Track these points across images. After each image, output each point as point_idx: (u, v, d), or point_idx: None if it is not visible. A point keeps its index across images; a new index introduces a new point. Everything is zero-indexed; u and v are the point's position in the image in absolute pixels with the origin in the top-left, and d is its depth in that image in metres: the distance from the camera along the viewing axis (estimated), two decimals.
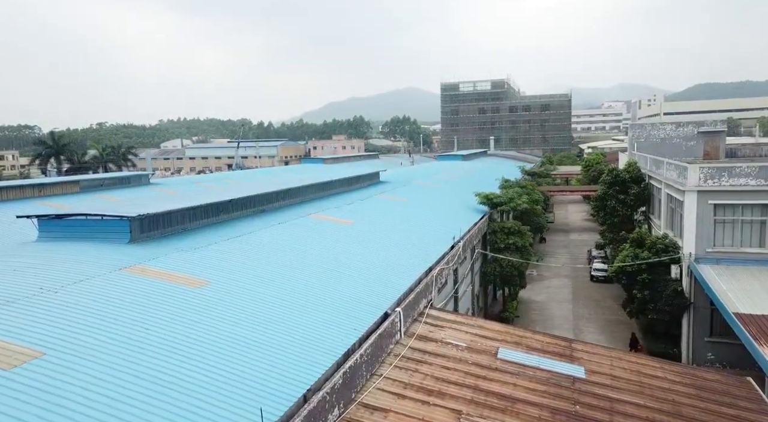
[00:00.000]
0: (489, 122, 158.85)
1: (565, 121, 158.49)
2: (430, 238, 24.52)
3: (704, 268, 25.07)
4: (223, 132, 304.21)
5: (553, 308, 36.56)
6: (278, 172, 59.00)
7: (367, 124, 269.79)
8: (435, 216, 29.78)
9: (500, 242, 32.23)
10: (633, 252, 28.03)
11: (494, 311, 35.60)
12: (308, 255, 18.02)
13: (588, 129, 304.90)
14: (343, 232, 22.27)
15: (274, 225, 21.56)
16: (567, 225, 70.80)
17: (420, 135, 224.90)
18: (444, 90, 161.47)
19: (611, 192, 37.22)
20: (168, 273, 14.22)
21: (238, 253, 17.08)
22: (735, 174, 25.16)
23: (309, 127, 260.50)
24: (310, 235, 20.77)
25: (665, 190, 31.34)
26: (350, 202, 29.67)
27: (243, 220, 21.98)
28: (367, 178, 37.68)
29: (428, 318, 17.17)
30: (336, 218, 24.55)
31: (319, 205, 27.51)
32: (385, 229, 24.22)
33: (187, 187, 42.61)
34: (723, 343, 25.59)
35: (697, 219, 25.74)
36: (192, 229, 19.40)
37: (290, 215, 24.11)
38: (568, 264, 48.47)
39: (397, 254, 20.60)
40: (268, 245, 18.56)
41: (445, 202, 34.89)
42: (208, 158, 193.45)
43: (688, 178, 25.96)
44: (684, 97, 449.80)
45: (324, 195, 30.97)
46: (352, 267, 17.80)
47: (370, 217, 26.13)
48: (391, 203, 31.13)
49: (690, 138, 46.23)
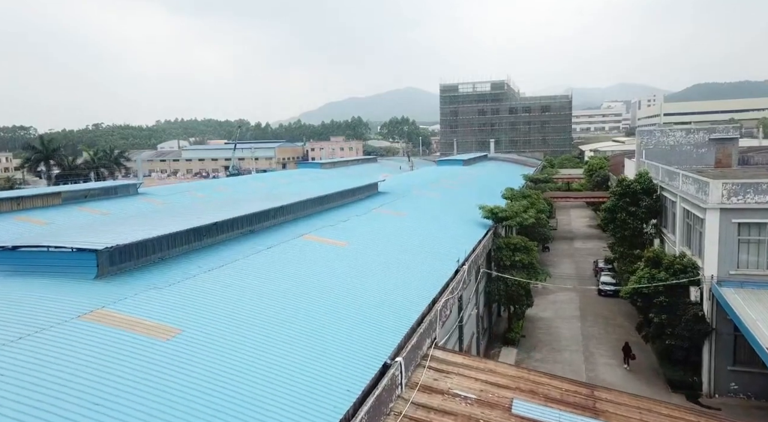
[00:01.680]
0: (488, 124, 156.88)
1: (566, 122, 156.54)
2: (432, 261, 22.67)
3: (728, 292, 23.25)
4: (221, 133, 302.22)
5: (560, 326, 34.71)
6: (273, 179, 57.16)
7: (365, 125, 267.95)
8: (436, 234, 27.93)
9: (506, 259, 30.43)
10: (649, 273, 26.22)
11: (499, 330, 33.78)
12: (297, 290, 16.14)
13: (587, 129, 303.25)
14: (337, 257, 20.40)
15: (262, 250, 19.70)
16: (570, 232, 68.94)
17: (419, 137, 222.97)
18: (443, 91, 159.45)
19: (621, 203, 35.40)
20: (135, 321, 12.34)
21: (218, 289, 15.20)
22: (761, 190, 23.36)
23: (307, 128, 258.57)
24: (300, 262, 18.90)
25: (681, 203, 29.51)
26: (346, 218, 27.81)
27: (229, 244, 20.12)
28: (364, 190, 35.81)
29: (432, 360, 15.32)
30: (330, 239, 22.68)
31: (312, 223, 25.65)
32: (383, 251, 22.34)
33: (176, 197, 40.70)
34: (748, 372, 23.83)
35: (719, 239, 23.93)
36: (171, 258, 17.52)
37: (281, 236, 22.25)
38: (574, 278, 46.65)
39: (395, 283, 18.74)
40: (253, 277, 16.69)
41: (447, 216, 33.02)
42: (204, 160, 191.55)
43: (709, 194, 24.15)
44: (683, 97, 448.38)
45: (319, 210, 29.10)
46: (347, 303, 15.93)
47: (367, 237, 24.25)
48: (390, 219, 29.26)
49: (701, 145, 44.42)
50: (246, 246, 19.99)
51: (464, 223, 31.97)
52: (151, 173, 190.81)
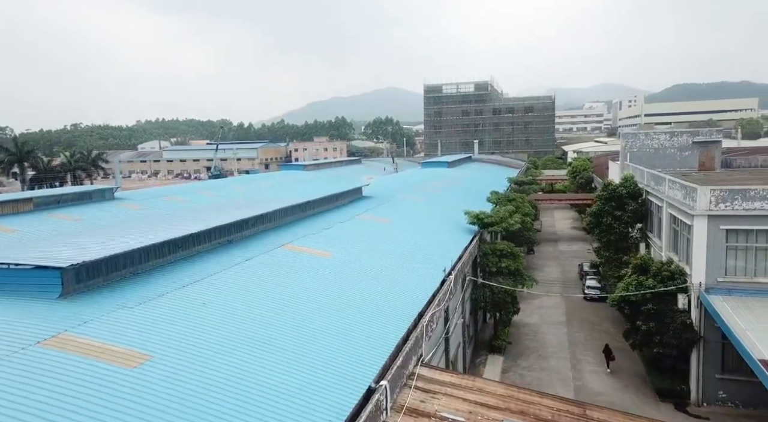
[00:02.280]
0: (472, 124, 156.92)
1: (549, 123, 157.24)
2: (418, 271, 22.05)
3: (716, 300, 22.97)
4: (203, 133, 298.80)
5: (546, 332, 34.32)
6: (255, 181, 56.10)
7: (349, 125, 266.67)
8: (422, 241, 27.31)
9: (492, 266, 29.94)
10: (637, 280, 25.89)
11: (485, 337, 33.28)
12: (276, 308, 15.37)
13: (570, 129, 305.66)
14: (319, 269, 19.66)
15: (240, 262, 18.88)
16: (555, 234, 68.89)
17: (403, 137, 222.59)
18: (427, 92, 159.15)
19: (607, 208, 35.13)
20: (99, 346, 11.49)
21: (193, 308, 14.37)
22: (749, 197, 23.11)
23: (290, 128, 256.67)
24: (280, 276, 18.11)
25: (668, 209, 29.27)
26: (329, 225, 27.06)
27: (206, 256, 19.26)
28: (348, 194, 35.07)
29: (419, 380, 14.67)
30: (312, 249, 21.92)
31: (294, 231, 24.87)
32: (367, 262, 21.65)
33: (154, 201, 39.50)
34: (735, 381, 23.59)
35: (707, 246, 23.64)
36: (144, 273, 16.64)
37: (261, 246, 21.44)
38: (560, 282, 46.42)
39: (380, 296, 18.06)
40: (230, 293, 15.87)
41: (432, 222, 32.44)
42: (186, 160, 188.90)
43: (697, 200, 23.86)
44: (662, 97, 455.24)
45: (301, 216, 28.32)
46: (329, 320, 15.20)
47: (351, 246, 23.53)
48: (374, 225, 28.58)
49: (685, 148, 44.44)
50: (224, 259, 19.16)
51: (450, 229, 31.42)
52: (131, 174, 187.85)
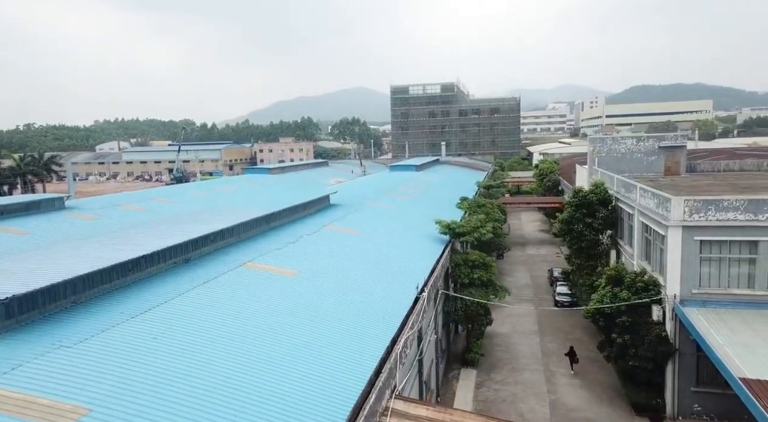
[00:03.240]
0: (439, 126, 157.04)
1: (514, 124, 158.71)
2: (390, 288, 20.95)
3: (691, 312, 22.64)
4: (165, 134, 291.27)
5: (519, 342, 33.74)
6: (216, 187, 54.01)
7: (315, 126, 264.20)
8: (392, 254, 26.23)
9: (464, 277, 29.11)
10: (611, 292, 25.42)
11: (457, 349, 32.45)
12: (235, 341, 13.99)
13: (534, 130, 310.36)
14: (284, 291, 18.33)
15: (198, 285, 17.40)
16: (523, 237, 68.92)
17: (371, 140, 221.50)
18: (393, 93, 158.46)
19: (578, 215, 34.77)
20: (28, 400, 9.98)
21: (142, 344, 12.90)
22: (722, 207, 22.85)
23: (255, 128, 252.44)
24: (240, 301, 16.72)
25: (639, 217, 28.99)
26: (295, 238, 25.70)
27: (160, 279, 17.71)
28: (315, 203, 33.72)
29: (393, 416, 13.57)
30: (276, 267, 20.56)
31: (257, 246, 23.43)
32: (336, 281, 20.42)
33: (108, 211, 37.24)
34: (710, 393, 23.33)
35: (682, 257, 23.31)
36: (89, 302, 15.03)
37: (220, 265, 19.98)
38: (530, 288, 46.09)
39: (350, 321, 16.88)
40: (184, 324, 14.41)
41: (402, 232, 31.40)
42: (147, 162, 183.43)
43: (671, 211, 23.49)
44: (622, 97, 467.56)
45: (265, 228, 26.87)
46: (294, 356, 13.92)
47: (318, 263, 22.24)
48: (343, 238, 27.34)
49: (651, 152, 44.71)
50: (180, 281, 17.65)
51: (421, 239, 30.45)
52: (88, 176, 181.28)
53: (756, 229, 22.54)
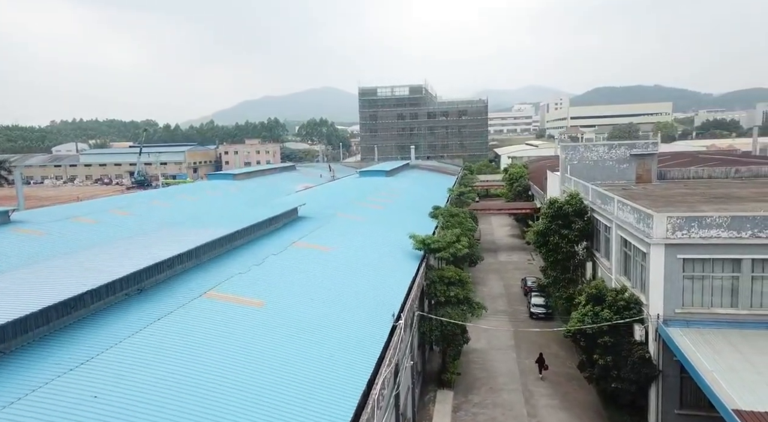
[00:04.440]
0: (408, 128, 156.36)
1: (482, 126, 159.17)
2: (364, 316, 19.50)
3: (674, 332, 21.92)
4: (126, 135, 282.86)
5: (495, 359, 32.75)
6: (178, 196, 51.52)
7: (282, 127, 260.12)
8: (365, 274, 24.76)
9: (440, 295, 27.90)
10: (592, 310, 24.56)
11: (433, 368, 31.25)
12: (191, 398, 12.30)
13: (501, 131, 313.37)
14: (249, 325, 16.67)
15: (150, 323, 15.59)
16: (494, 244, 68.41)
17: (339, 142, 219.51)
18: (362, 94, 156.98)
19: (553, 226, 34.01)
20: None
21: (78, 407, 11.11)
22: (705, 225, 22.22)
23: (220, 129, 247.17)
24: (199, 341, 14.99)
25: (617, 231, 28.30)
26: (262, 258, 23.98)
27: (107, 316, 15.83)
28: (283, 217, 31.98)
29: None
30: (240, 296, 18.86)
31: (220, 270, 21.65)
32: (306, 310, 18.84)
33: (58, 226, 34.59)
34: (695, 416, 22.66)
35: (665, 276, 22.58)
36: (19, 351, 13.10)
37: (178, 295, 18.18)
38: (504, 298, 45.31)
39: (323, 362, 15.35)
40: (131, 377, 12.61)
41: (376, 247, 29.94)
42: (106, 165, 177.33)
43: (653, 228, 22.74)
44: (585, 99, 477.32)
45: (229, 248, 25.05)
46: (259, 412, 12.33)
47: (286, 289, 20.59)
48: (313, 256, 25.73)
49: (623, 160, 44.50)
50: (130, 319, 15.80)
51: (395, 255, 29.07)
52: (43, 180, 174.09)
53: (739, 247, 21.98)
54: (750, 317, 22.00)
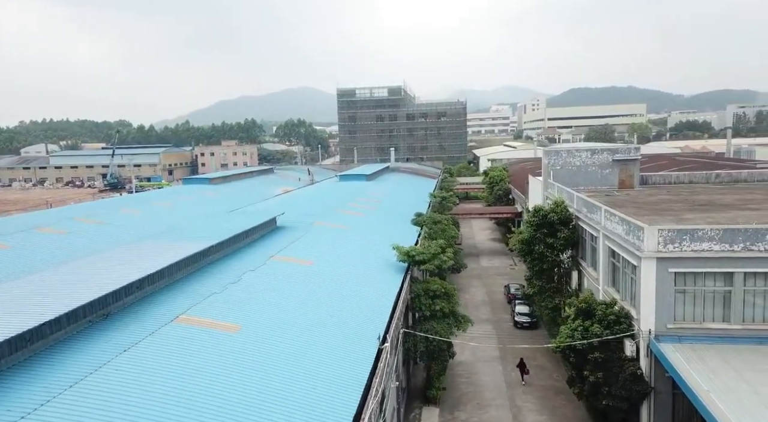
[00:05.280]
0: (387, 129, 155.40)
1: (461, 128, 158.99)
2: (347, 340, 18.45)
3: (667, 348, 21.33)
4: (98, 135, 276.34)
5: (481, 372, 31.97)
6: (151, 203, 49.75)
7: (259, 128, 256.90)
8: (349, 290, 23.68)
9: (425, 309, 26.95)
10: (582, 325, 23.88)
11: (417, 382, 30.34)
12: None
13: (478, 132, 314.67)
14: (224, 355, 15.48)
15: (117, 354, 14.33)
16: (475, 248, 67.85)
17: (318, 144, 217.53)
18: (340, 96, 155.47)
19: (538, 235, 33.35)
20: None
21: None
22: (697, 237, 21.68)
23: (196, 130, 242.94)
24: (171, 376, 13.77)
25: (605, 241, 27.70)
26: (238, 275, 22.76)
27: (69, 347, 14.52)
28: (260, 228, 30.74)
29: None
30: (215, 321, 17.65)
31: (193, 289, 20.40)
32: (284, 336, 17.69)
33: (20, 238, 32.78)
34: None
35: (656, 291, 21.99)
36: None
37: (148, 320, 16.92)
38: (488, 305, 44.64)
39: (304, 397, 14.26)
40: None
41: (357, 258, 28.93)
42: (78, 167, 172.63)
43: (644, 241, 22.13)
44: (561, 100, 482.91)
45: (204, 264, 23.77)
46: None
47: (264, 309, 19.44)
48: (292, 272, 24.57)
49: (605, 166, 44.16)
50: (93, 350, 14.52)
51: (378, 268, 28.05)
52: (12, 182, 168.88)
53: (731, 260, 21.49)
54: (743, 332, 21.53)
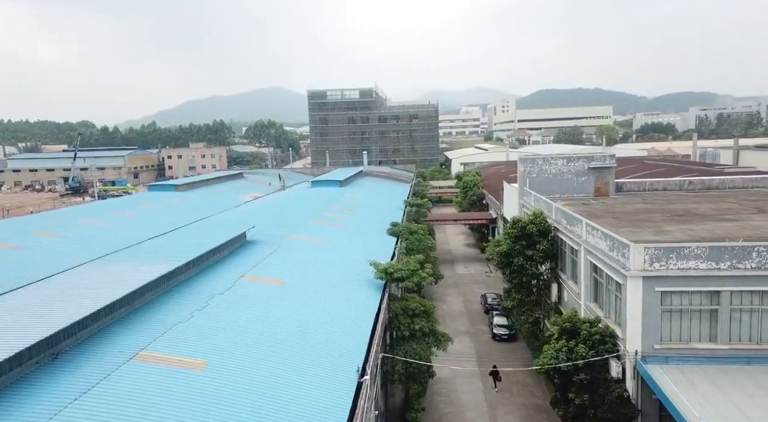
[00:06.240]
0: (359, 132, 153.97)
1: (433, 130, 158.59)
2: (324, 373, 17.17)
3: (654, 370, 20.71)
4: (60, 137, 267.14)
5: (460, 389, 31.04)
6: (112, 212, 47.32)
7: (229, 129, 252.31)
8: (324, 313, 22.38)
9: (404, 328, 25.81)
10: (566, 346, 23.11)
11: (395, 403, 29.19)
12: None
13: (449, 133, 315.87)
14: (187, 400, 14.03)
15: (62, 408, 12.76)
16: (450, 254, 67.12)
17: (289, 145, 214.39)
18: (311, 97, 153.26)
19: (517, 247, 32.63)
20: None
21: None
22: (684, 255, 21.11)
23: (163, 132, 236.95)
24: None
25: (587, 255, 27.08)
26: (205, 300, 21.24)
27: (8, 397, 12.89)
28: (229, 244, 29.15)
29: None
30: (178, 357, 16.15)
31: (155, 319, 18.82)
32: (255, 371, 16.31)
33: None
34: None
35: (642, 310, 21.36)
36: None
37: (103, 360, 15.35)
38: (464, 316, 43.82)
39: None
40: None
41: (332, 275, 27.62)
42: (38, 170, 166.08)
43: (630, 259, 21.46)
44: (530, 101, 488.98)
45: (168, 287, 22.15)
46: None
47: (232, 339, 18.00)
48: (263, 294, 23.13)
49: (581, 173, 43.90)
50: (40, 401, 12.91)
51: (354, 285, 26.81)
52: None
53: (717, 279, 20.99)
54: (730, 352, 21.06)
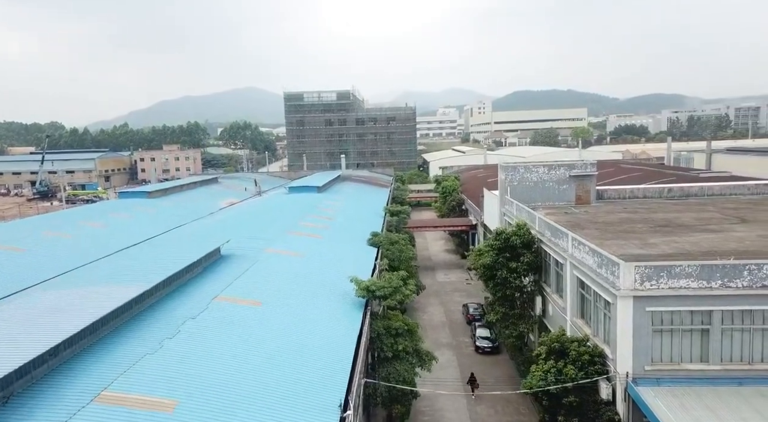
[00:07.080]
0: (336, 134, 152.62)
1: (411, 133, 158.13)
2: (303, 407, 16.04)
3: (646, 393, 20.07)
4: (27, 139, 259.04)
5: (445, 408, 30.14)
6: (80, 221, 45.26)
7: (203, 131, 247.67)
8: (303, 339, 21.21)
9: (387, 349, 24.83)
10: (555, 366, 22.38)
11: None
12: None
13: (426, 135, 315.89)
14: None
15: None
16: (430, 260, 66.38)
17: (265, 147, 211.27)
18: (287, 99, 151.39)
19: (501, 259, 31.91)
20: None
21: None
22: (675, 274, 20.54)
23: (135, 133, 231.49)
24: None
25: (573, 270, 26.45)
26: (176, 327, 19.90)
27: None
28: (203, 261, 27.75)
29: None
30: (145, 397, 14.83)
31: (120, 351, 17.44)
32: (227, 412, 15.09)
33: None
34: None
35: (633, 331, 20.72)
36: None
37: (60, 402, 13.98)
38: (446, 328, 43.00)
39: None
40: None
41: (311, 293, 26.44)
42: (3, 174, 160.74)
43: (621, 278, 20.81)
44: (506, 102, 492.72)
45: (136, 311, 20.74)
46: None
47: (205, 375, 16.72)
48: (238, 317, 21.84)
49: (563, 181, 43.48)
50: None
51: (334, 304, 25.68)
52: None
53: (709, 298, 20.48)
54: (721, 372, 20.56)
